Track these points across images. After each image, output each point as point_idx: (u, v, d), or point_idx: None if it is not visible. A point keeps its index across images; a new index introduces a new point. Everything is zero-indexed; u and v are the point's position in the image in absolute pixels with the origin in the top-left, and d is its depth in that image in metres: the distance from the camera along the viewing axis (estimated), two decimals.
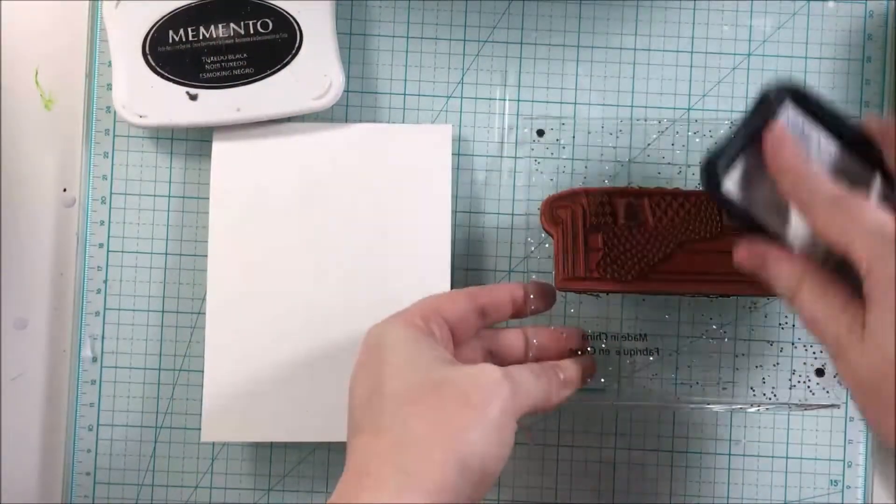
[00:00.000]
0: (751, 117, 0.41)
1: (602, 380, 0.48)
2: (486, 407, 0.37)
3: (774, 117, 0.40)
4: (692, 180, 0.50)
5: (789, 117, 0.41)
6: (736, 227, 0.42)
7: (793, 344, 0.49)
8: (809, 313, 0.37)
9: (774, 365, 0.49)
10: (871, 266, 0.35)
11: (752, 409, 0.49)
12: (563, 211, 0.46)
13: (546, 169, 0.49)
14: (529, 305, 0.45)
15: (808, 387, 0.48)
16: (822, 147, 0.41)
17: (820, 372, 0.48)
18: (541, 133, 0.50)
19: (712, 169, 0.40)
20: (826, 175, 0.39)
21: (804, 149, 0.40)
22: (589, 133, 0.50)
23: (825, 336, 0.37)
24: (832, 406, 0.48)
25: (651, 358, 0.48)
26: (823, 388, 0.48)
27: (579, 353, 0.46)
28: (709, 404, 0.49)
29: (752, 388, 0.49)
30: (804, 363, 0.49)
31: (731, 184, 0.40)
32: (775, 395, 0.49)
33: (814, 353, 0.49)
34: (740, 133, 0.41)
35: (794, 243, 0.40)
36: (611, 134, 0.50)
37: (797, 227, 0.40)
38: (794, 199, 0.39)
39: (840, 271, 0.37)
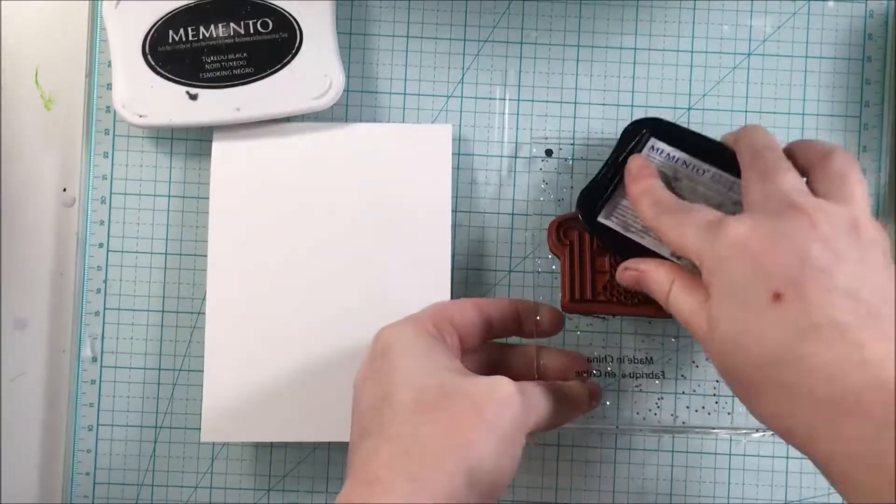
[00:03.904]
0: (618, 151, 0.46)
1: (607, 402, 0.48)
2: (498, 420, 0.37)
3: (637, 150, 0.46)
4: None
5: (653, 147, 0.46)
6: (618, 252, 0.45)
7: None
8: (678, 311, 0.39)
9: None
10: (700, 260, 0.38)
11: (757, 435, 0.49)
12: (570, 233, 0.46)
13: (553, 189, 0.49)
14: (536, 326, 0.45)
15: None
16: (689, 167, 0.45)
17: None
18: (549, 153, 0.50)
19: (588, 202, 0.45)
20: (669, 194, 0.42)
21: (659, 172, 0.44)
22: (598, 154, 0.50)
23: (693, 331, 0.39)
24: None
25: (657, 381, 0.48)
26: None
27: (585, 375, 0.46)
28: (714, 429, 0.48)
29: None
30: None
31: (606, 214, 0.45)
32: None
33: None
34: (609, 167, 0.46)
35: (667, 257, 0.43)
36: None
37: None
38: (646, 221, 0.42)
39: None
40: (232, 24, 0.49)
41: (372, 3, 0.52)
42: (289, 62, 0.49)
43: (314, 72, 0.49)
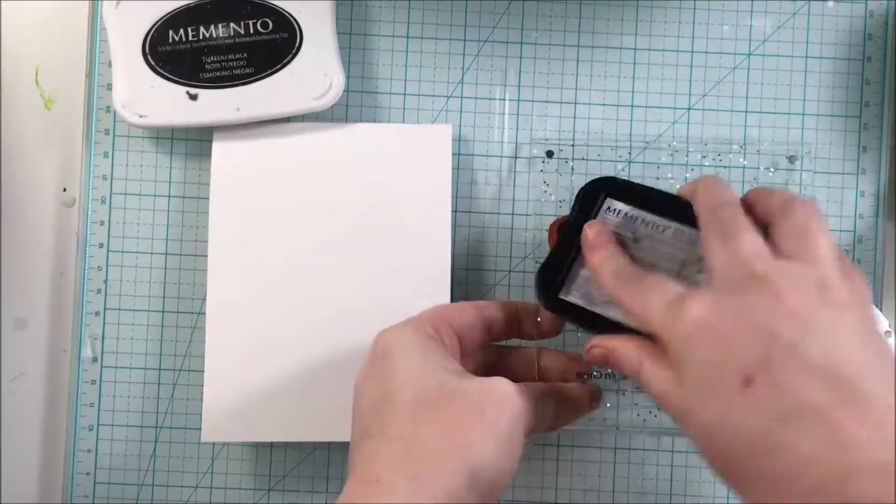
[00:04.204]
0: (574, 218, 0.43)
1: (607, 404, 0.48)
2: (498, 420, 0.37)
3: (594, 215, 0.43)
4: None
5: (610, 207, 0.43)
6: (585, 327, 0.43)
7: None
8: (651, 391, 0.38)
9: None
10: (667, 341, 0.36)
11: None
12: None
13: (554, 189, 0.49)
14: (536, 328, 0.45)
15: None
16: (649, 225, 0.42)
17: None
18: (550, 154, 0.50)
19: (548, 279, 0.43)
20: (628, 263, 0.40)
21: (618, 235, 0.42)
22: (600, 155, 0.50)
23: (667, 411, 0.37)
24: None
25: None
26: None
27: (585, 377, 0.46)
28: None
29: None
30: None
31: (569, 288, 0.43)
32: None
33: None
34: (566, 237, 0.43)
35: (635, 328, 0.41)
36: (620, 157, 0.50)
37: None
38: (607, 293, 0.40)
39: None
40: (232, 25, 0.49)
41: (372, 3, 0.52)
42: (289, 62, 0.49)
43: (314, 72, 0.49)
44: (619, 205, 0.43)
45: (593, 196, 0.44)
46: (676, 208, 0.42)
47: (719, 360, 0.34)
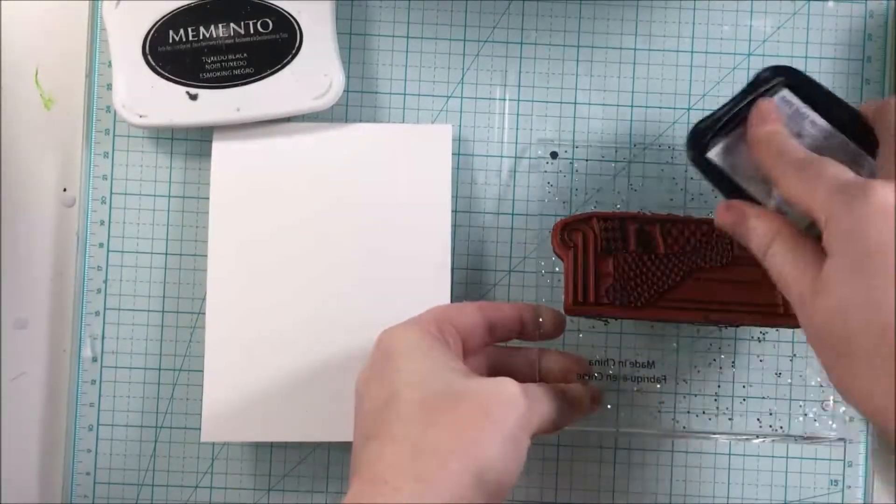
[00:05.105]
0: (743, 94, 0.43)
1: (608, 406, 0.48)
2: (504, 421, 0.37)
3: (767, 96, 0.42)
4: (704, 208, 0.49)
5: (784, 98, 0.43)
6: (720, 193, 0.43)
7: (801, 375, 0.49)
8: (777, 269, 0.38)
9: (781, 396, 0.49)
10: (828, 219, 0.36)
11: (758, 440, 0.49)
12: (574, 235, 0.46)
13: (555, 190, 0.49)
14: (538, 329, 0.45)
15: (815, 419, 0.48)
16: (817, 128, 0.42)
17: (827, 405, 0.48)
18: (554, 155, 0.50)
19: (699, 136, 0.43)
20: (798, 145, 0.40)
21: (786, 125, 0.42)
22: (603, 156, 0.50)
23: (790, 292, 0.37)
24: (839, 440, 0.47)
25: (658, 385, 0.48)
26: (830, 421, 0.48)
27: (586, 378, 0.46)
28: (714, 434, 0.49)
29: (758, 419, 0.49)
30: (811, 396, 0.49)
31: (716, 153, 0.43)
32: (781, 427, 0.48)
33: (821, 385, 0.48)
34: (730, 107, 0.43)
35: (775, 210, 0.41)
36: (624, 158, 0.50)
37: (777, 197, 0.41)
38: (766, 167, 0.40)
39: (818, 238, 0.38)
40: (232, 25, 0.49)
41: (372, 3, 0.52)
42: (289, 62, 0.49)
43: (314, 72, 0.49)
44: (793, 98, 0.43)
45: (770, 79, 0.43)
46: (851, 122, 0.42)
47: (892, 243, 0.34)
